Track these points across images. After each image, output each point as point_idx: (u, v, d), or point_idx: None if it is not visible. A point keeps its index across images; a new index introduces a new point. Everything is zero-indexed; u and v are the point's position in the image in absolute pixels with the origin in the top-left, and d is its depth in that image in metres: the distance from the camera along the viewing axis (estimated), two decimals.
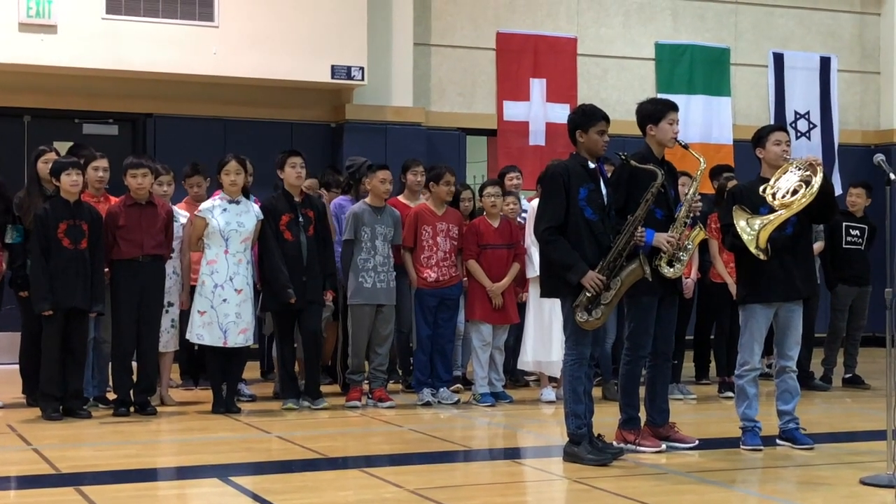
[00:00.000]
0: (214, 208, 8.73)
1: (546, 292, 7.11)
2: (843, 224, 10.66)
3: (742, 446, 7.32)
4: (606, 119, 6.95)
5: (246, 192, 8.94)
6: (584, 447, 6.75)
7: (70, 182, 8.31)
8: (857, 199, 10.73)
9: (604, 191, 6.94)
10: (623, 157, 7.03)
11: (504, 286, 9.29)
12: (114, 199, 9.22)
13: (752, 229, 7.07)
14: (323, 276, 8.96)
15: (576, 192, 6.79)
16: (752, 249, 7.05)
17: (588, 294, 6.69)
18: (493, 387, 9.41)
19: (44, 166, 8.84)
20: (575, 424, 6.80)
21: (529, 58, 14.03)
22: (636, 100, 7.94)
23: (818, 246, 10.33)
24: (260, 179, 10.46)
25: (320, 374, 10.25)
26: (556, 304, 7.55)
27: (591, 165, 6.92)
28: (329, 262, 9.06)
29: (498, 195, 9.42)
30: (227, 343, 8.63)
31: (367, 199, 9.29)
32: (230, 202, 8.78)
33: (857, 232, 10.71)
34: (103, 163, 8.96)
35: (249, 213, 8.82)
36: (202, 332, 8.63)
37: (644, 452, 7.05)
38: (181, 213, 9.18)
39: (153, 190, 8.91)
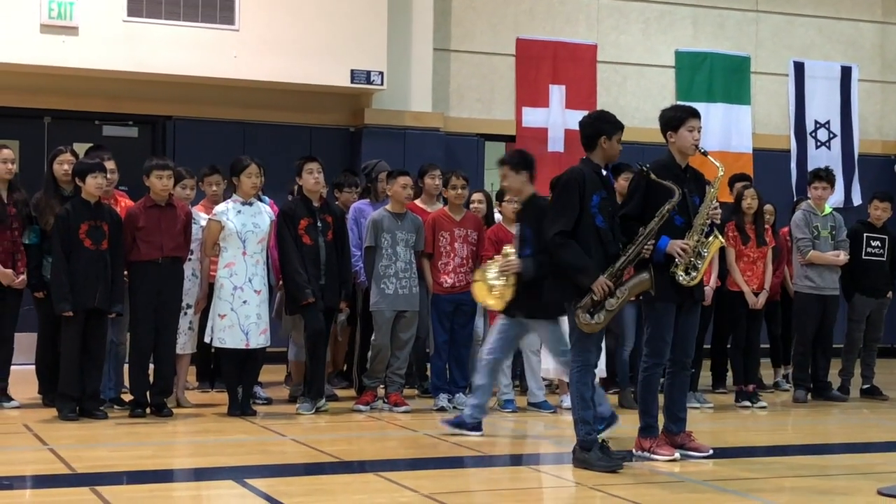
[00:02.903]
0: (228, 211, 8.75)
1: (553, 298, 7.18)
2: (864, 235, 10.62)
3: None
4: (622, 127, 7.05)
5: (258, 195, 8.99)
6: (594, 453, 6.75)
7: (96, 185, 8.34)
8: (883, 213, 10.69)
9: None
10: (644, 168, 6.99)
11: None
12: (122, 199, 9.25)
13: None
14: (339, 283, 8.96)
15: (589, 199, 6.82)
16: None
17: (594, 297, 6.71)
18: (535, 396, 9.33)
19: (59, 167, 8.86)
20: (584, 430, 6.81)
21: (549, 64, 14.02)
22: (656, 107, 7.95)
23: (843, 257, 10.29)
24: (280, 184, 10.51)
25: (336, 378, 10.32)
26: None
27: (604, 172, 6.93)
28: (345, 269, 9.06)
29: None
30: (250, 345, 8.65)
31: (388, 206, 9.28)
32: (244, 204, 8.80)
33: (878, 243, 10.67)
34: (110, 164, 8.98)
35: (263, 214, 8.85)
36: (224, 336, 8.63)
37: (657, 460, 7.03)
38: (200, 216, 9.20)
39: (176, 193, 8.94)
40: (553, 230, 6.84)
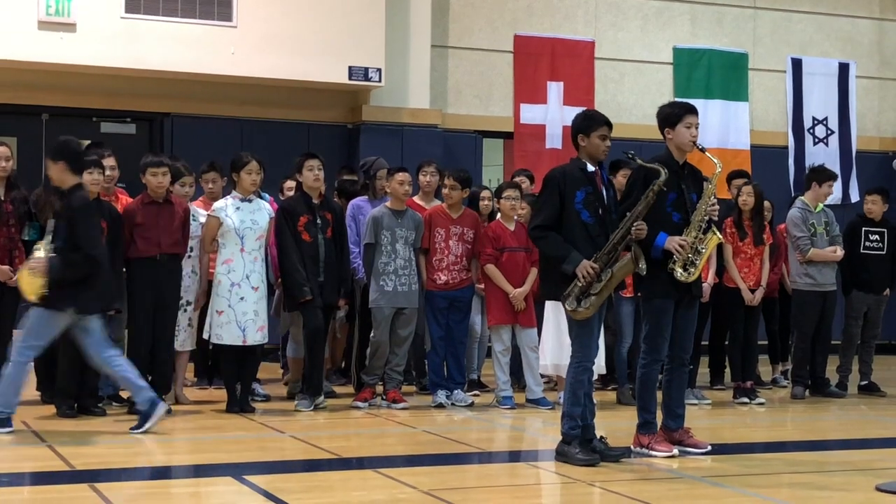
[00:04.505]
0: (227, 207, 8.76)
1: (546, 294, 7.25)
2: (863, 229, 10.63)
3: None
4: (608, 124, 6.98)
5: (257, 192, 8.99)
6: (573, 447, 6.80)
7: (91, 181, 8.33)
8: (873, 206, 10.71)
9: (604, 194, 6.95)
10: (630, 155, 7.01)
11: (525, 291, 9.25)
12: (122, 196, 9.25)
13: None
14: (338, 281, 8.97)
15: (572, 196, 6.85)
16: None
17: (580, 283, 6.72)
18: (533, 393, 9.33)
19: None
20: (568, 425, 6.86)
21: (547, 61, 14.03)
22: (654, 104, 7.95)
23: (840, 252, 10.29)
24: (278, 181, 10.50)
25: (334, 375, 10.32)
26: None
27: (591, 169, 6.93)
28: (344, 267, 9.06)
29: (517, 198, 9.41)
30: (247, 341, 8.65)
31: (388, 203, 9.28)
32: (243, 200, 8.80)
33: (877, 237, 10.66)
34: (110, 161, 8.97)
35: (262, 211, 8.85)
36: (221, 332, 8.64)
37: (655, 456, 7.04)
38: (200, 212, 9.19)
39: (175, 190, 8.93)
40: (531, 226, 7.00)
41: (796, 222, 10.27)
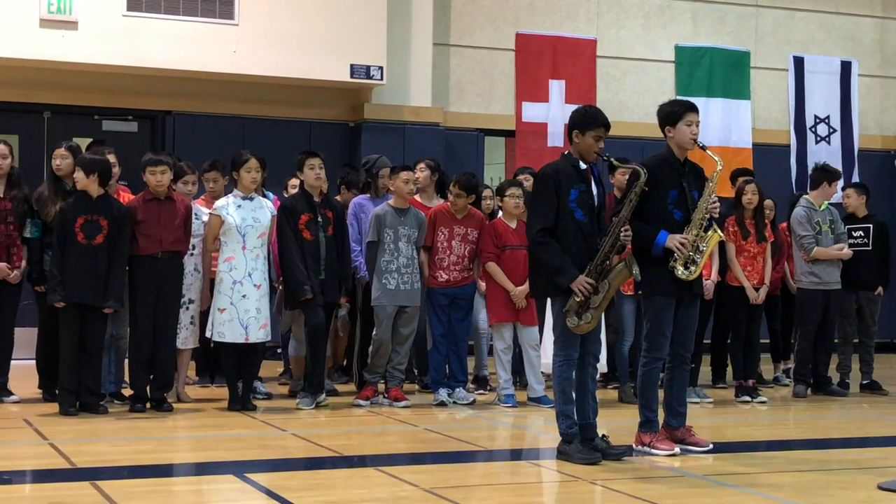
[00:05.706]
0: (229, 205, 8.76)
1: (536, 293, 7.24)
2: (847, 227, 10.64)
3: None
4: (606, 126, 6.88)
5: (259, 190, 8.98)
6: (574, 446, 6.79)
7: (75, 178, 8.35)
8: (848, 200, 10.78)
9: (594, 191, 6.94)
10: (605, 156, 6.98)
11: (526, 290, 9.22)
12: (124, 193, 9.24)
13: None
14: (339, 279, 8.97)
15: (566, 194, 6.79)
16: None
17: (577, 298, 6.70)
18: (535, 391, 9.32)
19: (53, 162, 8.86)
20: (565, 424, 6.84)
21: (549, 59, 14.03)
22: (655, 102, 7.93)
23: (847, 249, 10.27)
24: (280, 179, 10.51)
25: (336, 373, 10.32)
26: None
27: (583, 166, 6.90)
28: (345, 265, 9.06)
29: (520, 196, 9.40)
30: (249, 339, 8.65)
31: (391, 201, 9.28)
32: (244, 199, 8.80)
33: (861, 233, 10.65)
34: (111, 158, 8.96)
35: (263, 209, 8.85)
36: (223, 330, 8.64)
37: (657, 455, 7.03)
38: (202, 211, 9.19)
39: (177, 188, 8.94)
40: (534, 228, 6.85)
41: (801, 221, 10.24)
